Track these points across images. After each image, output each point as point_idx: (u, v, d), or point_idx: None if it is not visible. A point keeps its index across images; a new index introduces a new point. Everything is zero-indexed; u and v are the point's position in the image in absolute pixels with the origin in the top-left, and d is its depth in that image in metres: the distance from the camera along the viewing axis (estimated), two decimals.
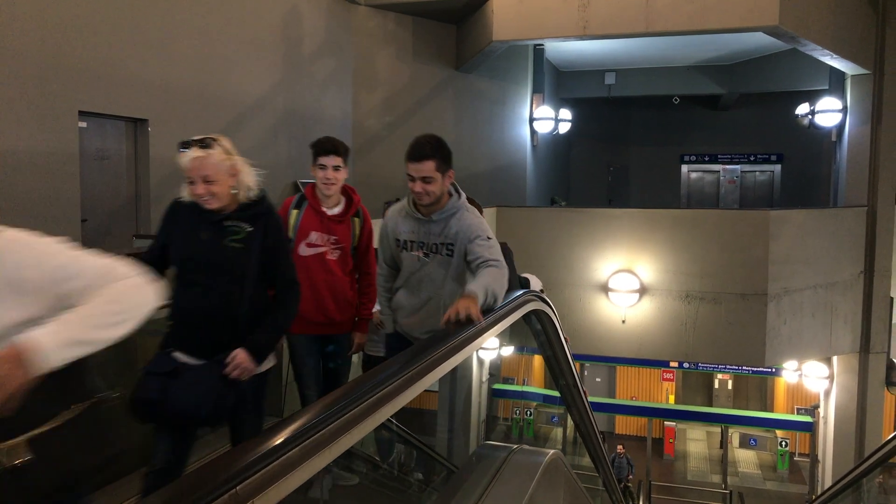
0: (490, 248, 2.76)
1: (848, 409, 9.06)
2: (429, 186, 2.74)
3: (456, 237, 2.83)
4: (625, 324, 8.36)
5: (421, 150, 2.72)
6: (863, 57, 8.73)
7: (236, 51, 6.74)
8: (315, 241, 3.29)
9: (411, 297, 2.97)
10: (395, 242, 2.97)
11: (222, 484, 1.07)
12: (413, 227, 2.92)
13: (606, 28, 8.15)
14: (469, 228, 2.82)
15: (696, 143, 15.91)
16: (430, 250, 2.89)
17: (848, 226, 8.74)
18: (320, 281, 3.26)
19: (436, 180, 2.74)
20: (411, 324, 2.99)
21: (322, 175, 3.25)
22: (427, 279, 2.91)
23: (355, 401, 1.49)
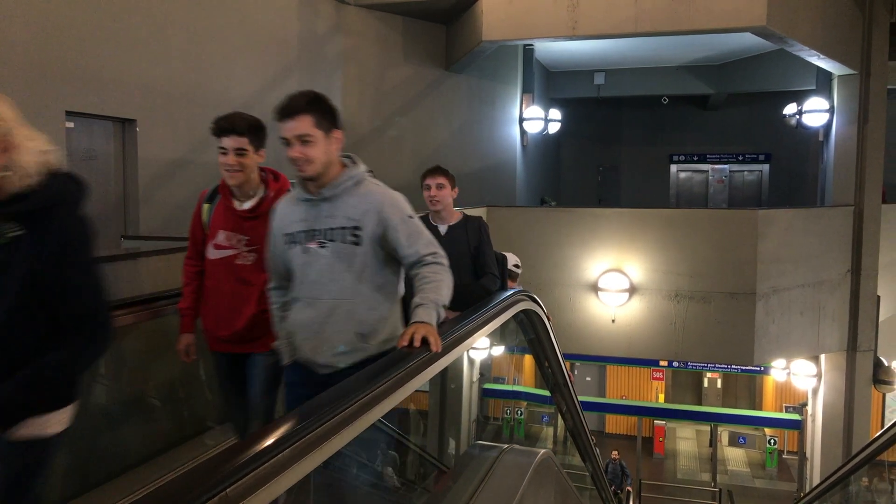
0: (420, 233, 2.26)
1: (836, 407, 9.13)
2: (309, 150, 2.19)
3: (364, 217, 2.22)
4: (614, 323, 8.39)
5: (293, 104, 2.18)
6: (849, 57, 8.79)
7: (225, 51, 6.71)
8: (222, 243, 2.71)
9: (308, 308, 2.27)
10: (284, 240, 2.33)
11: (212, 486, 1.06)
12: (303, 213, 2.30)
13: (596, 28, 8.17)
14: (383, 205, 2.24)
15: (685, 142, 15.98)
16: (326, 238, 2.25)
17: (835, 225, 8.80)
18: (226, 290, 2.67)
19: (316, 141, 2.19)
20: (313, 347, 2.26)
21: (223, 161, 2.62)
22: (326, 279, 2.24)
23: (346, 401, 1.49)
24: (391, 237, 2.21)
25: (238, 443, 1.24)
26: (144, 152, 5.86)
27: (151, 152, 5.88)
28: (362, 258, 2.22)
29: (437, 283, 2.18)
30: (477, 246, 3.55)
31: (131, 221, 5.89)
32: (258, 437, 1.25)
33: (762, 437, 14.84)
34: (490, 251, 3.59)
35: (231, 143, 2.60)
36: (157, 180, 6.01)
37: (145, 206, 5.88)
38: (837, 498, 5.87)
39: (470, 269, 3.51)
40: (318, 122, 2.19)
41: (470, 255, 3.54)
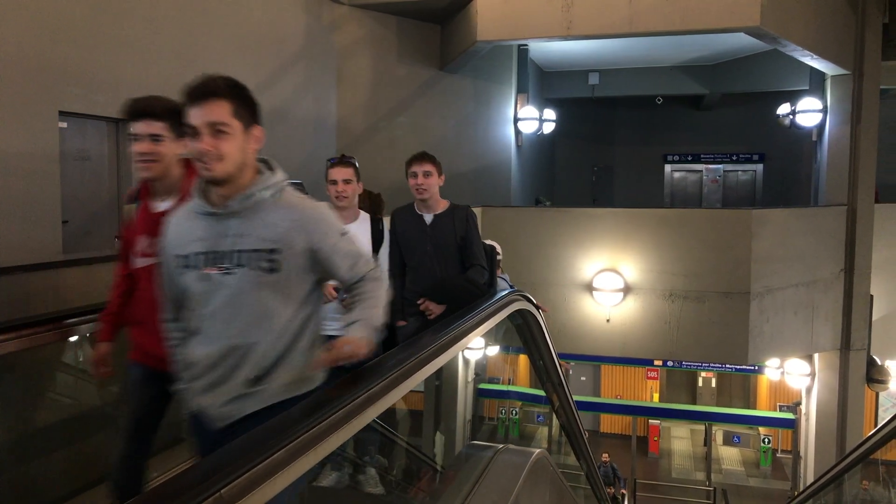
0: (358, 252, 1.94)
1: (829, 406, 9.16)
2: (222, 143, 1.75)
3: (284, 238, 1.80)
4: (609, 323, 8.40)
5: (209, 84, 1.76)
6: (842, 58, 8.83)
7: (220, 50, 6.70)
8: (145, 249, 2.30)
9: (201, 346, 1.85)
10: (176, 262, 1.89)
11: (207, 487, 1.06)
12: (203, 229, 1.85)
13: (590, 28, 8.18)
14: (311, 223, 1.84)
15: (679, 142, 16.01)
16: (233, 262, 1.80)
17: (828, 225, 8.84)
18: (148, 300, 2.22)
19: (233, 134, 1.76)
20: (203, 394, 1.85)
21: (134, 150, 2.24)
22: (227, 314, 1.81)
23: (340, 402, 1.49)
24: (325, 261, 1.86)
25: (233, 443, 1.23)
26: None
27: None
28: (278, 288, 1.80)
29: (372, 302, 1.90)
30: (464, 236, 3.44)
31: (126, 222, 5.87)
32: (253, 438, 1.25)
33: (756, 436, 14.89)
34: (478, 241, 3.48)
35: (144, 128, 2.20)
36: None
37: None
38: (831, 497, 5.89)
39: (457, 260, 3.43)
40: (238, 111, 1.79)
41: (456, 246, 3.44)
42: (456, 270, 3.41)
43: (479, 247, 3.47)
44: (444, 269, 3.41)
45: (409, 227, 3.50)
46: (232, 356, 1.81)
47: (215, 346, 1.82)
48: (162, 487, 1.08)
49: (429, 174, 3.45)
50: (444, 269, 3.41)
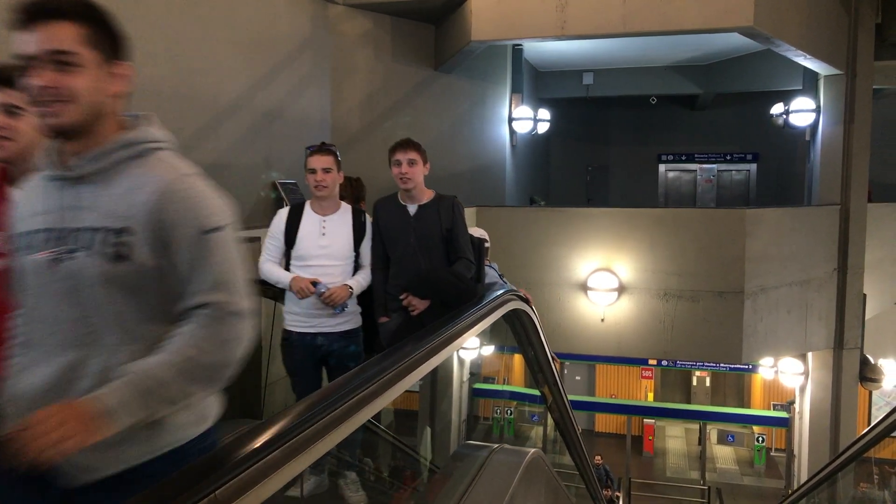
0: (216, 263, 1.33)
1: (823, 405, 9.20)
2: (68, 78, 1.31)
3: (137, 215, 1.32)
4: (604, 322, 8.42)
5: (49, 2, 1.32)
6: (836, 58, 8.86)
7: (211, 51, 6.68)
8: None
9: (40, 365, 1.33)
10: (19, 244, 1.40)
11: (201, 488, 1.06)
12: (47, 201, 1.38)
13: (584, 28, 8.20)
14: (167, 196, 1.34)
15: (673, 142, 16.05)
16: (73, 244, 1.32)
17: (822, 224, 8.87)
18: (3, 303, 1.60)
19: (83, 67, 1.33)
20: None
21: None
22: (62, 317, 1.33)
23: (336, 402, 1.49)
24: (178, 263, 1.32)
25: (227, 444, 1.23)
26: None
27: None
28: (127, 286, 1.30)
29: (186, 357, 1.28)
30: (450, 228, 3.32)
31: None
32: (247, 439, 1.24)
33: (750, 434, 14.94)
34: (465, 233, 3.36)
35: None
36: None
37: None
38: (825, 495, 5.92)
39: (442, 253, 3.31)
40: (89, 37, 1.36)
41: (442, 238, 3.31)
42: (441, 264, 3.29)
43: (465, 239, 3.36)
44: (429, 262, 3.29)
45: (392, 219, 3.39)
46: (79, 381, 1.29)
47: (52, 367, 1.30)
48: (156, 488, 1.07)
49: (413, 162, 3.32)
50: (429, 262, 3.29)
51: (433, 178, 3.58)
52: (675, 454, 15.35)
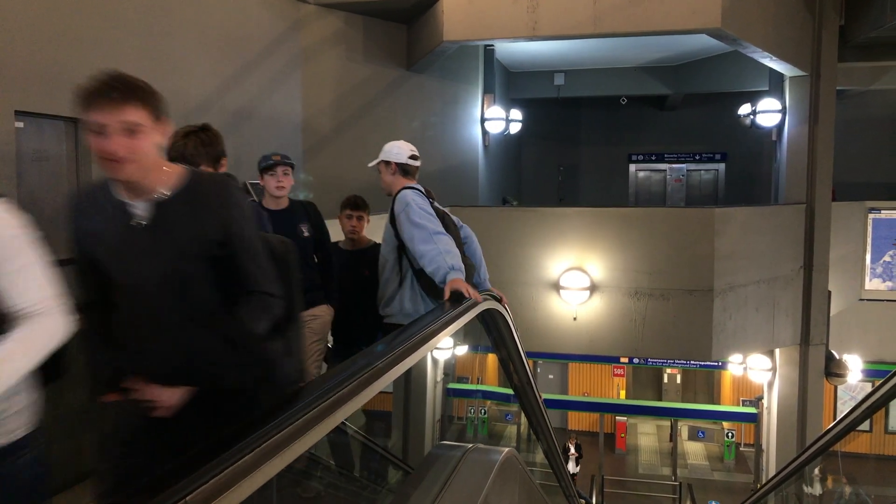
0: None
1: (790, 400, 9.36)
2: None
3: None
4: (576, 321, 8.47)
5: None
6: (800, 59, 9.02)
7: (181, 50, 6.59)
8: None
9: None
10: None
11: (171, 494, 1.04)
12: None
13: (555, 29, 8.24)
14: None
15: (643, 142, 16.23)
16: None
17: (788, 222, 9.03)
18: None
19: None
20: None
21: None
22: None
23: (310, 404, 1.47)
24: None
25: (199, 448, 1.21)
26: None
27: None
28: None
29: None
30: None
31: None
32: (220, 441, 1.23)
33: (720, 430, 15.16)
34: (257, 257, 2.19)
35: None
36: None
37: None
38: (793, 488, 6.03)
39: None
40: None
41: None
42: None
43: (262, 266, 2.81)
44: None
45: None
46: None
47: None
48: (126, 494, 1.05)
49: None
50: None
51: None
52: (647, 451, 15.52)
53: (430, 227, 3.33)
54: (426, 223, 3.33)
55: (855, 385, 11.73)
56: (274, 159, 3.72)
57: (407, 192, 3.53)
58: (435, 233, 3.32)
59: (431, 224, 3.34)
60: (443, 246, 3.27)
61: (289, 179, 3.73)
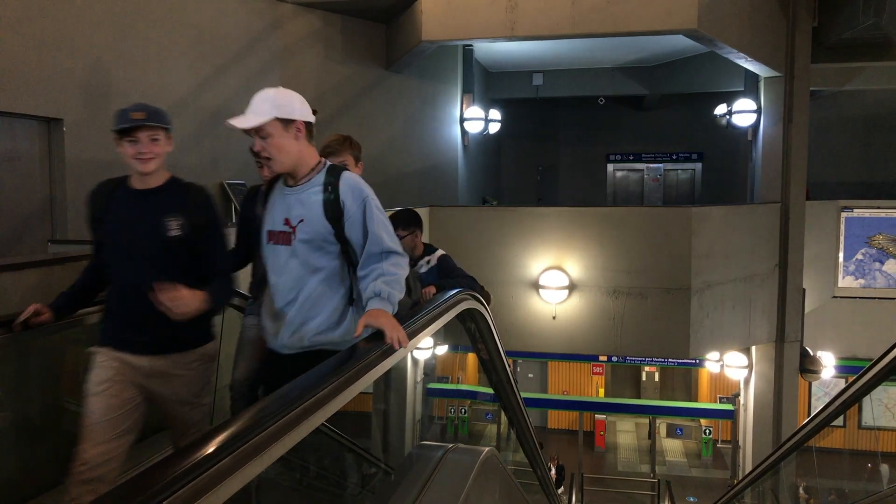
0: None
1: (766, 396, 9.48)
2: None
3: None
4: (555, 320, 8.51)
5: None
6: (775, 60, 9.15)
7: (158, 49, 6.52)
8: None
9: None
10: None
11: (149, 498, 1.03)
12: None
13: (534, 29, 8.28)
14: None
15: (621, 142, 16.34)
16: None
17: (764, 221, 9.14)
18: None
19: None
20: None
21: None
22: None
23: (290, 405, 1.46)
24: None
25: (176, 451, 1.20)
26: (72, 153, 5.64)
27: (80, 152, 5.66)
28: None
29: None
30: None
31: (59, 224, 5.65)
32: (197, 445, 1.21)
33: (698, 427, 15.30)
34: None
35: None
36: (86, 182, 5.77)
37: (74, 209, 5.65)
38: (769, 484, 6.10)
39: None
40: None
41: None
42: None
43: None
44: None
45: None
46: None
47: None
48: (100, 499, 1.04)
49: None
50: None
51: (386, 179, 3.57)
52: (625, 448, 15.63)
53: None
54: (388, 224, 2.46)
55: (829, 381, 11.92)
56: (133, 118, 2.54)
57: (351, 175, 2.45)
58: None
59: None
60: None
61: (159, 147, 2.54)
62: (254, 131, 2.33)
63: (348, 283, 2.40)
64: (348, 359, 1.92)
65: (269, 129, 2.31)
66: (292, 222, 2.36)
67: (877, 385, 3.42)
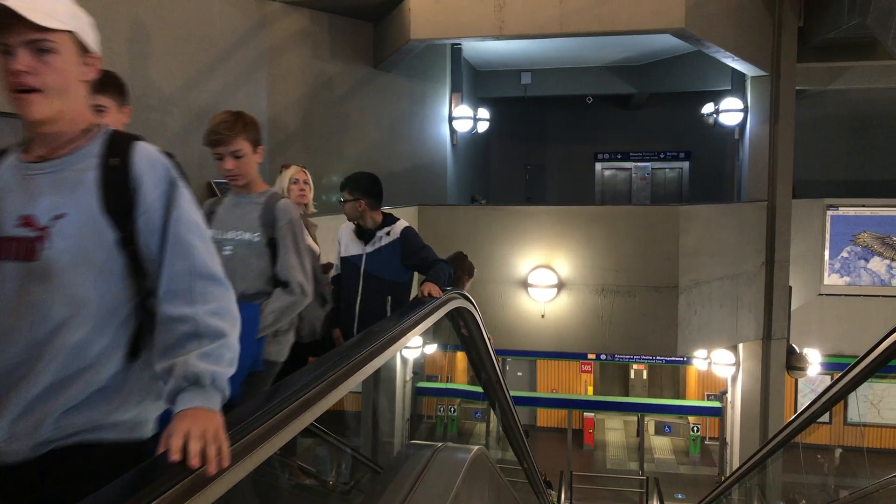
0: None
1: (753, 394, 9.54)
2: None
3: None
4: (544, 318, 8.53)
5: None
6: (761, 59, 9.20)
7: (143, 47, 6.47)
8: None
9: None
10: None
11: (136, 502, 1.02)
12: None
13: (522, 28, 8.28)
14: None
15: (609, 141, 16.39)
16: None
17: (750, 219, 9.20)
18: None
19: None
20: None
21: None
22: None
23: (278, 406, 1.45)
24: None
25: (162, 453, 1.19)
26: None
27: None
28: None
29: None
30: None
31: None
32: None
33: (686, 425, 15.38)
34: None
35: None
36: None
37: None
38: (755, 480, 6.15)
39: None
40: None
41: None
42: None
43: None
44: None
45: None
46: None
47: None
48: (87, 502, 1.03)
49: None
50: None
51: None
52: (614, 446, 15.68)
53: None
54: None
55: (815, 378, 12.01)
56: None
57: (148, 146, 1.54)
58: None
59: None
60: None
61: None
62: (24, 36, 1.35)
63: (132, 327, 1.42)
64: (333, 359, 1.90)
65: (59, 44, 1.41)
66: (40, 221, 1.36)
67: (862, 382, 3.45)
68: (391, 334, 2.29)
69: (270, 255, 2.52)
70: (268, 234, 2.52)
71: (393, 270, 3.50)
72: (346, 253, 3.66)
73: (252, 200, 2.63)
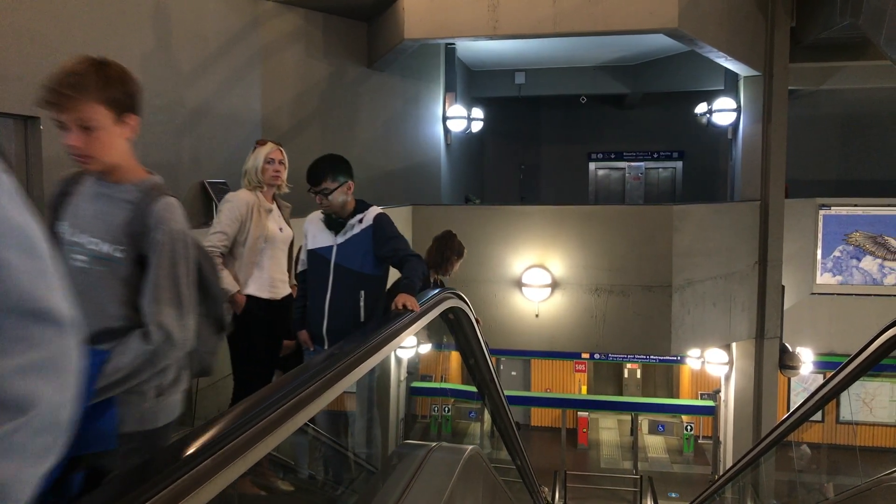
0: None
1: (746, 392, 9.58)
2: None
3: None
4: (538, 318, 8.54)
5: None
6: (754, 59, 9.23)
7: (136, 47, 6.44)
8: None
9: None
10: None
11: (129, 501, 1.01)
12: None
13: (516, 28, 8.28)
14: None
15: (602, 141, 16.42)
16: None
17: (744, 219, 9.23)
18: None
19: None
20: None
21: None
22: None
23: (272, 405, 1.45)
24: None
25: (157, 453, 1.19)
26: (50, 152, 5.56)
27: (58, 152, 5.58)
28: None
29: None
30: None
31: None
32: (178, 447, 1.20)
33: (679, 424, 15.43)
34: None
35: None
36: None
37: None
38: (749, 479, 6.17)
39: None
40: None
41: None
42: None
43: None
44: None
45: None
46: None
47: None
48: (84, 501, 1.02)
49: None
50: None
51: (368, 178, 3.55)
52: (608, 445, 15.71)
53: None
54: None
55: (807, 377, 12.06)
56: None
57: None
58: None
59: None
60: None
61: None
62: None
63: None
64: (329, 358, 1.89)
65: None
66: None
67: (854, 380, 3.46)
68: (386, 334, 2.28)
69: (138, 278, 1.79)
70: (136, 248, 1.80)
71: (366, 262, 3.27)
72: (313, 245, 3.43)
73: (121, 195, 1.87)
